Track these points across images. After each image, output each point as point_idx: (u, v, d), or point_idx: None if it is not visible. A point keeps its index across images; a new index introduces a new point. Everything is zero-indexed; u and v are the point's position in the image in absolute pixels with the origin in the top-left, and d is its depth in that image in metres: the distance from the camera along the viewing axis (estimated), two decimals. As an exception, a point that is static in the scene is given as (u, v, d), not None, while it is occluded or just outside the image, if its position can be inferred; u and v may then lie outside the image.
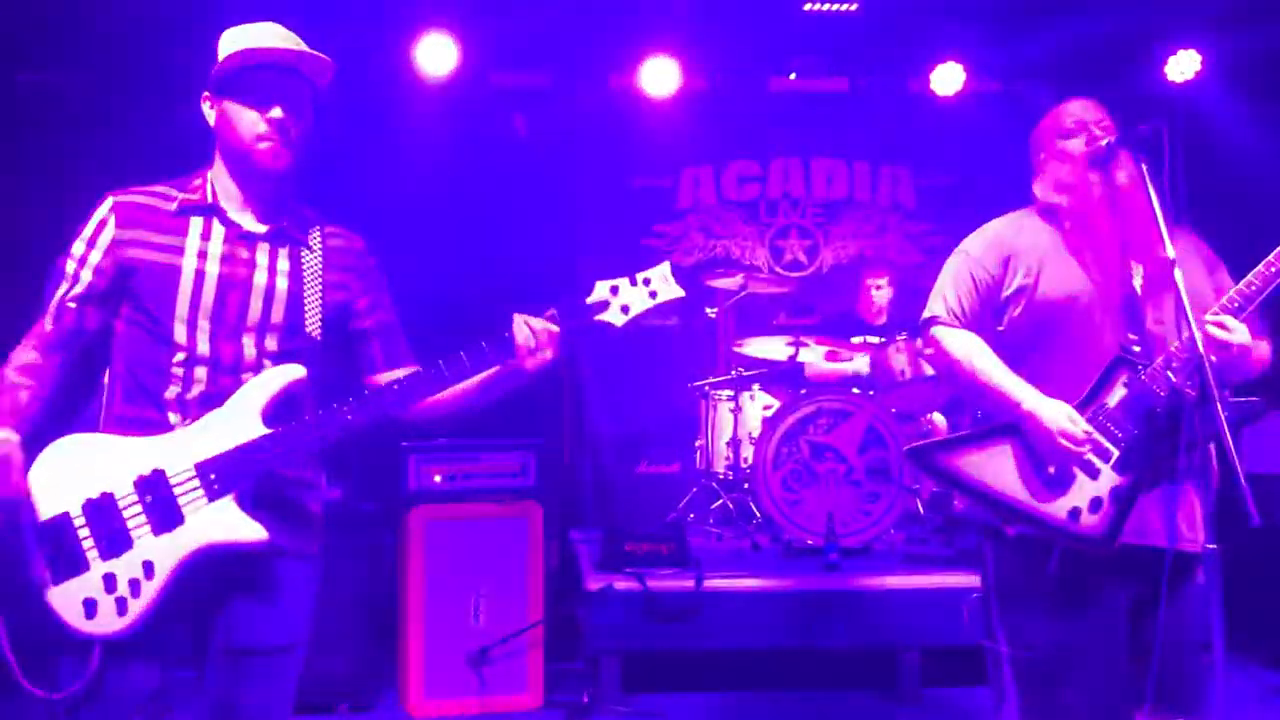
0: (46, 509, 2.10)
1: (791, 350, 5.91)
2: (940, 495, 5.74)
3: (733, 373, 6.07)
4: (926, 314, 2.76)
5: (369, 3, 5.69)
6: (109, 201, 2.22)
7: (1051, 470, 2.49)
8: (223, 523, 2.11)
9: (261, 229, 2.26)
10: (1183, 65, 6.24)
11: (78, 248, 2.21)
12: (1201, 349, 2.30)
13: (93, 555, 2.08)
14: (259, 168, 2.21)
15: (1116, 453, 2.48)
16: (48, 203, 5.69)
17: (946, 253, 2.90)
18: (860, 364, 6.04)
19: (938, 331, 2.71)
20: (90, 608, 2.06)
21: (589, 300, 2.32)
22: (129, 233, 2.19)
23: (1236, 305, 2.45)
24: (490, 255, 6.16)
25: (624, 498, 6.77)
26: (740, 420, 5.88)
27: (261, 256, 2.23)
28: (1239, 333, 2.40)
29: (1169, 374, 2.44)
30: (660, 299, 2.34)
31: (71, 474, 2.11)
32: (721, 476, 6.05)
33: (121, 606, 2.06)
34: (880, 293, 6.36)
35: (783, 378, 6.21)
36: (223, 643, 2.18)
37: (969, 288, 2.69)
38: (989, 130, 6.83)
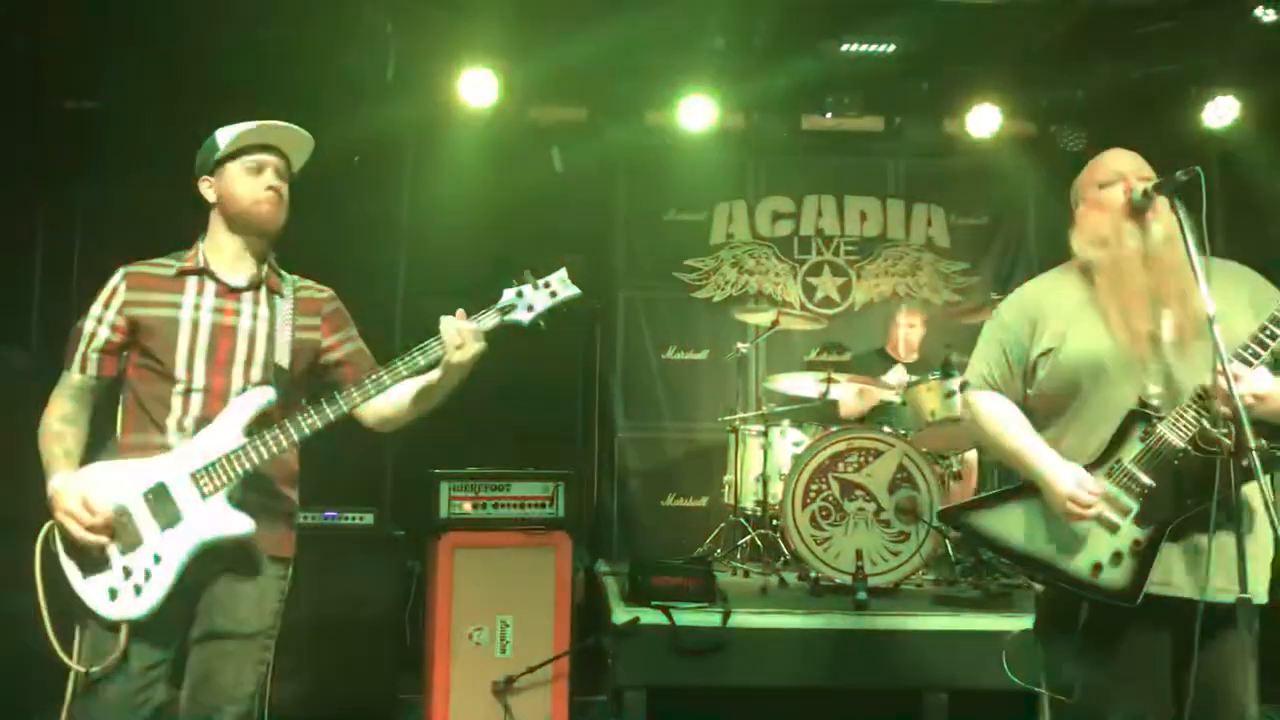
0: None
1: (823, 387, 5.90)
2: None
3: (763, 408, 6.07)
4: (963, 378, 2.86)
5: (416, 38, 5.79)
6: (120, 272, 2.73)
7: (1072, 527, 2.53)
8: (216, 517, 2.57)
9: (244, 283, 2.75)
10: (1221, 111, 6.23)
11: (95, 310, 2.70)
12: (1237, 400, 2.28)
13: (113, 553, 2.54)
14: (258, 223, 2.74)
15: (1136, 507, 2.49)
16: (92, 229, 5.86)
17: (979, 291, 2.94)
18: (892, 390, 6.03)
19: (969, 395, 2.80)
20: (114, 595, 2.52)
21: (501, 304, 2.68)
22: (136, 295, 2.69)
23: (1251, 352, 2.43)
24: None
25: (651, 531, 6.77)
26: (770, 456, 5.88)
27: (245, 305, 2.74)
28: (1246, 381, 2.37)
29: (1188, 423, 2.44)
30: (559, 298, 2.69)
31: (96, 491, 2.56)
32: (750, 512, 6.04)
33: (138, 592, 2.52)
34: (913, 331, 6.36)
35: (813, 414, 6.20)
36: (204, 627, 2.63)
37: (999, 354, 2.77)
38: (1023, 172, 6.87)
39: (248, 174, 2.73)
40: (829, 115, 6.59)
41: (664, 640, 4.59)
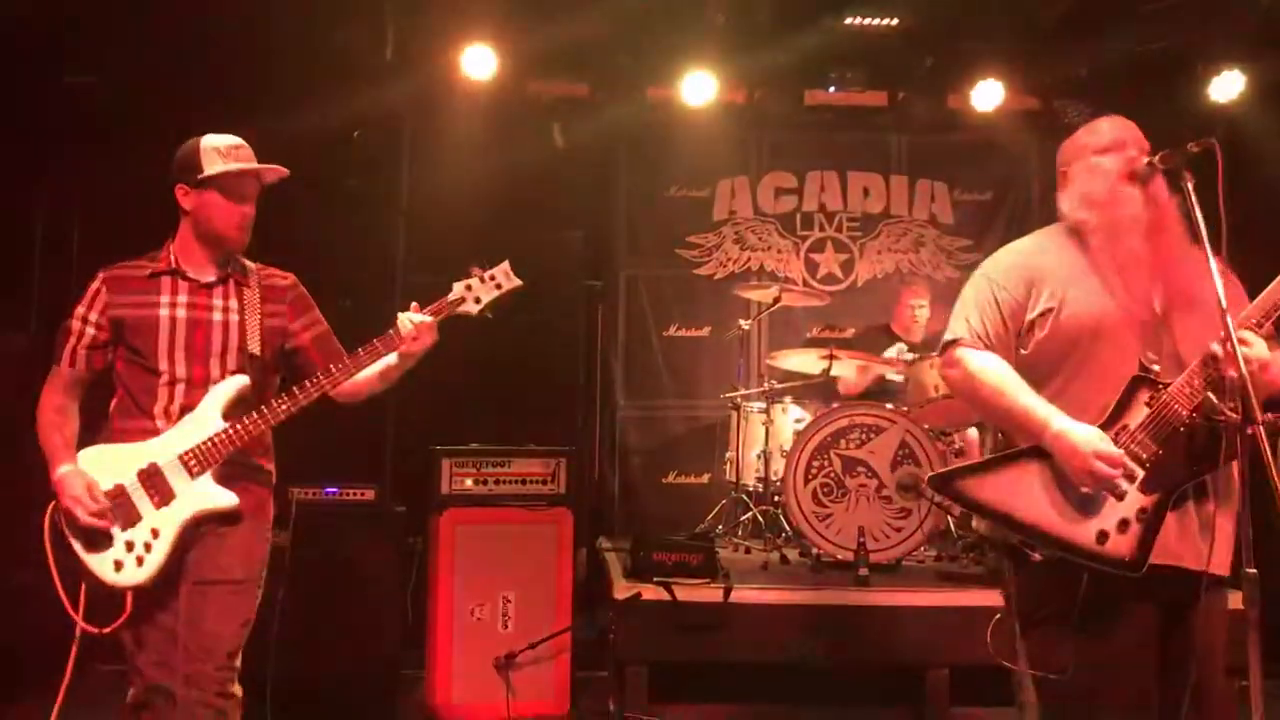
0: None
1: (825, 364, 5.89)
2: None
3: (765, 385, 6.06)
4: (949, 336, 2.71)
5: (414, 12, 5.75)
6: (100, 275, 3.00)
7: (1078, 494, 2.46)
8: (204, 493, 2.89)
9: (212, 278, 3.02)
10: (1227, 85, 6.18)
11: (80, 311, 2.97)
12: (1243, 368, 2.27)
13: (115, 529, 2.84)
14: (228, 246, 3.02)
15: (1141, 473, 2.45)
16: (93, 205, 5.82)
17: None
18: (893, 367, 6.02)
19: (961, 353, 2.66)
20: (119, 566, 2.82)
21: (450, 298, 3.02)
22: (116, 296, 2.96)
23: (1255, 321, 2.42)
24: (523, 261, 6.19)
25: (653, 508, 6.77)
26: (771, 433, 5.87)
27: (215, 299, 3.01)
28: (1257, 347, 2.37)
29: (1195, 391, 2.41)
30: (504, 289, 3.05)
31: (94, 475, 2.87)
32: (751, 489, 6.04)
33: (140, 563, 2.83)
34: (921, 311, 6.33)
35: (815, 391, 6.19)
36: (193, 577, 2.90)
37: (993, 312, 2.65)
38: (1027, 147, 6.83)
39: (227, 201, 2.96)
40: (832, 90, 6.55)
41: (665, 616, 4.60)
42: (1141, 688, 2.46)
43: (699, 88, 6.34)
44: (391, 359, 3.00)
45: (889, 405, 5.56)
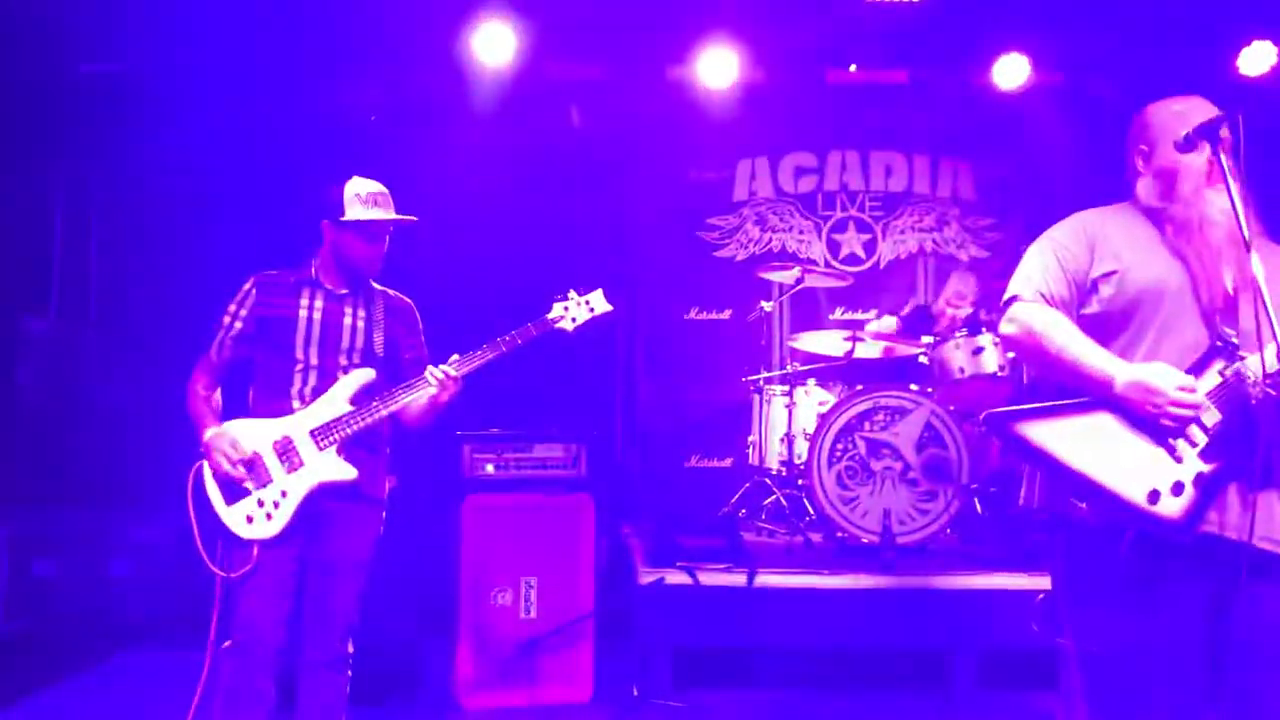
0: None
1: (848, 345, 5.83)
2: (999, 496, 5.65)
3: (788, 367, 6.00)
4: (1009, 294, 2.69)
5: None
6: (252, 279, 3.44)
7: (1137, 450, 2.41)
8: (329, 464, 3.29)
9: (345, 292, 3.47)
10: (1256, 58, 6.06)
11: (232, 307, 3.42)
12: None
13: (251, 487, 3.25)
14: (362, 274, 3.46)
15: (1205, 439, 2.40)
16: (112, 191, 5.83)
17: (1007, 246, 2.83)
18: (918, 349, 5.93)
19: (1021, 308, 2.64)
20: (250, 520, 3.23)
21: (549, 315, 3.49)
22: (263, 297, 3.42)
23: None
24: (543, 243, 6.17)
25: (675, 492, 6.74)
26: (795, 415, 5.82)
27: (347, 309, 3.45)
28: None
29: (1265, 369, 2.36)
30: (596, 313, 3.53)
31: (238, 439, 3.28)
32: (775, 472, 5.99)
33: (269, 519, 3.23)
34: (960, 311, 6.20)
35: (839, 373, 6.13)
36: (318, 555, 3.31)
37: (1056, 270, 2.63)
38: (1052, 123, 6.72)
39: (363, 242, 3.39)
40: (853, 68, 6.46)
41: (689, 601, 4.58)
42: (1183, 663, 2.42)
43: (718, 68, 6.27)
44: (423, 405, 3.36)
45: (914, 387, 5.49)
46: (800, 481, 5.71)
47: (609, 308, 3.52)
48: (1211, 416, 2.41)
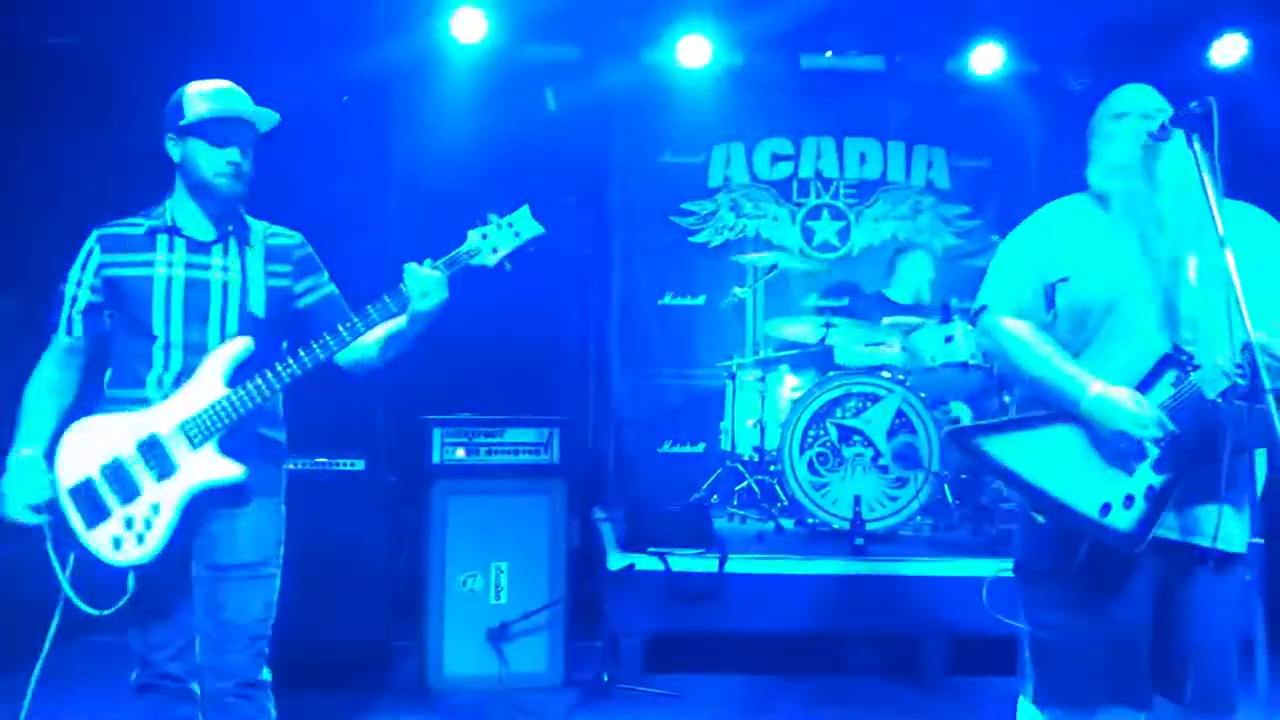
0: (75, 476, 2.72)
1: (822, 332, 5.83)
2: (969, 483, 5.68)
3: (761, 354, 6.00)
4: (978, 303, 2.74)
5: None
6: (94, 234, 2.83)
7: (1091, 464, 2.46)
8: (207, 464, 2.69)
9: (211, 236, 2.83)
10: (1228, 49, 6.10)
11: (73, 274, 2.82)
12: (1257, 350, 2.22)
13: (114, 504, 2.68)
14: (218, 195, 2.79)
15: (1156, 452, 2.42)
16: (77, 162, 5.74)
17: (981, 236, 2.85)
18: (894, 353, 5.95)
19: (990, 319, 2.69)
20: (117, 543, 2.67)
21: (464, 248, 2.73)
22: (110, 256, 2.79)
23: None
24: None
25: (647, 478, 6.72)
26: (767, 402, 5.82)
27: (214, 259, 2.82)
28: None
29: (1224, 376, 2.36)
30: (524, 237, 2.75)
31: (89, 447, 2.72)
32: (747, 458, 6.00)
33: (140, 539, 2.67)
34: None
35: (812, 360, 6.14)
36: (204, 563, 2.76)
37: (1020, 277, 2.67)
38: (1027, 112, 6.73)
39: (210, 147, 2.76)
40: (829, 54, 6.45)
41: (660, 586, 4.58)
42: (1133, 651, 2.48)
43: (694, 51, 6.25)
44: (400, 322, 2.76)
45: (886, 374, 5.51)
46: (772, 467, 5.72)
47: (540, 229, 2.77)
48: (1163, 429, 2.42)
